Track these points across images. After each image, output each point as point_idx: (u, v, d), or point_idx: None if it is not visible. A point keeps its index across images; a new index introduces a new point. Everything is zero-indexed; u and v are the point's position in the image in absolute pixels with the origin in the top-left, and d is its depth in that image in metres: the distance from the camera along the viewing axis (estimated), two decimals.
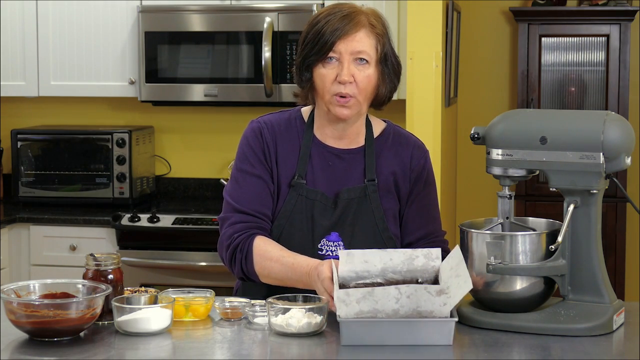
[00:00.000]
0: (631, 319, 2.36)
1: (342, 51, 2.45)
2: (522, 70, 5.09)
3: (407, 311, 2.15)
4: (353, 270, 2.29)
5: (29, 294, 2.28)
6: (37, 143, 4.80)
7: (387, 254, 2.31)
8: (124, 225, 4.41)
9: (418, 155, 2.61)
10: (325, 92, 2.48)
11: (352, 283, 2.29)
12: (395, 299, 2.15)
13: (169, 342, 2.21)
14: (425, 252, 2.31)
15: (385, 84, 2.52)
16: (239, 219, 2.51)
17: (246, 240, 2.49)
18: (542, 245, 2.31)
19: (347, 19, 2.46)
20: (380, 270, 2.30)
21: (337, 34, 2.44)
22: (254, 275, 2.50)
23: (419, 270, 2.31)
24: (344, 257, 2.29)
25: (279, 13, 4.49)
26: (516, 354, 2.17)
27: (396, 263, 2.30)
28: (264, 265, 2.46)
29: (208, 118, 5.02)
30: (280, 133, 2.57)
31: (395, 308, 2.15)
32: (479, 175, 4.72)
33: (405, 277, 2.30)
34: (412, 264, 2.31)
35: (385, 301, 2.14)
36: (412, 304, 2.15)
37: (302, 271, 2.39)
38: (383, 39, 2.49)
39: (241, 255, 2.49)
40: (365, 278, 2.30)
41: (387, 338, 2.14)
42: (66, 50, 4.77)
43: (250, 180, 2.54)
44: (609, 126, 2.27)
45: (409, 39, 4.07)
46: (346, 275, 2.29)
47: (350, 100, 2.47)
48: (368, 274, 2.30)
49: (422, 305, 2.15)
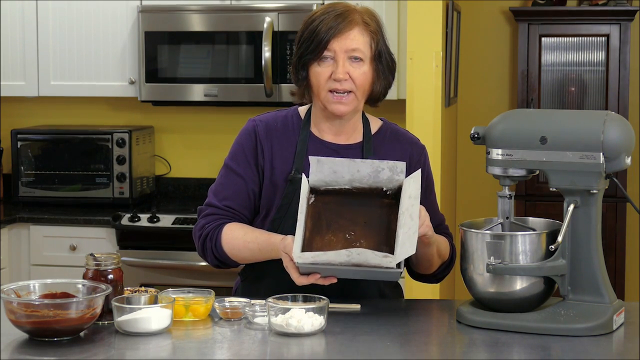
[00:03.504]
0: (631, 319, 2.36)
1: (336, 49, 2.47)
2: (522, 70, 5.09)
3: (358, 261, 2.28)
4: (322, 179, 2.44)
5: (29, 294, 2.28)
6: (37, 143, 4.80)
7: (355, 165, 2.44)
8: (124, 225, 4.41)
9: (417, 152, 2.64)
10: (320, 89, 2.51)
11: (322, 189, 2.44)
12: (346, 256, 2.27)
13: (169, 342, 2.22)
14: (391, 165, 2.44)
15: (380, 80, 2.55)
16: (212, 211, 2.59)
17: (215, 229, 2.56)
18: (542, 245, 2.31)
19: (341, 17, 2.48)
20: (348, 180, 2.44)
21: (331, 32, 2.47)
22: (230, 260, 2.57)
23: (384, 181, 2.44)
24: (315, 165, 2.44)
25: (279, 13, 4.49)
26: (516, 354, 2.17)
27: (363, 175, 2.44)
28: (233, 253, 2.55)
29: (208, 118, 5.02)
30: (276, 130, 2.61)
31: (347, 260, 2.28)
32: (479, 175, 4.72)
33: (371, 186, 2.44)
34: (377, 177, 2.44)
35: (336, 258, 2.28)
36: (362, 259, 2.27)
37: (269, 249, 2.47)
38: (377, 37, 2.52)
39: (211, 244, 2.56)
40: (333, 185, 2.45)
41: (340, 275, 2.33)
42: (66, 50, 4.77)
43: (232, 178, 2.60)
44: (609, 126, 2.27)
45: (409, 39, 4.07)
46: (316, 183, 2.45)
47: (348, 95, 2.49)
48: (336, 183, 2.45)
49: (369, 260, 2.27)
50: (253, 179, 2.59)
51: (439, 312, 2.57)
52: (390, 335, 2.28)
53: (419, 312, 2.58)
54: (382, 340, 2.22)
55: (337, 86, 2.48)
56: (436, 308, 2.66)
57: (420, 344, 2.27)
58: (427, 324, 2.49)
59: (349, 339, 2.22)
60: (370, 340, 2.21)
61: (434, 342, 2.29)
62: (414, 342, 2.28)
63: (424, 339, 2.32)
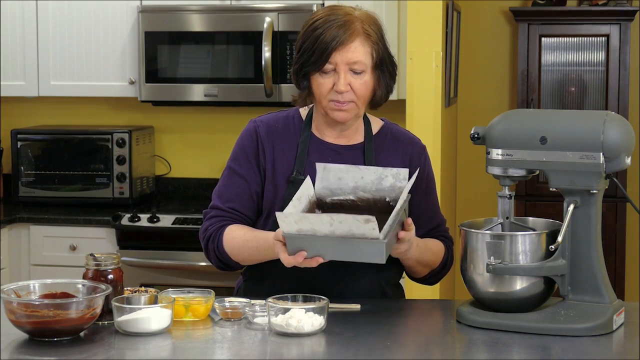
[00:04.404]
0: (631, 319, 2.36)
1: (338, 62, 2.47)
2: (522, 70, 5.09)
3: (342, 233, 2.26)
4: (328, 187, 2.47)
5: (29, 294, 2.28)
6: (37, 143, 4.80)
7: (360, 172, 2.46)
8: (124, 225, 4.41)
9: (418, 152, 2.64)
10: (322, 98, 2.52)
11: (328, 199, 2.48)
12: (329, 224, 2.25)
13: (169, 342, 2.22)
14: (394, 172, 2.45)
15: (382, 87, 2.55)
16: (216, 214, 2.60)
17: (217, 231, 2.57)
18: (542, 245, 2.31)
19: (343, 28, 2.47)
20: (352, 188, 2.47)
21: (333, 44, 2.46)
22: (232, 262, 2.57)
23: (387, 189, 2.45)
24: (321, 172, 2.47)
25: (279, 13, 4.49)
26: (516, 354, 2.17)
27: (366, 182, 2.46)
28: (234, 254, 2.55)
29: (208, 118, 5.02)
30: (277, 131, 2.61)
31: (331, 230, 2.26)
32: (479, 175, 4.72)
33: (374, 196, 2.46)
34: (380, 184, 2.45)
35: (320, 225, 2.26)
36: (345, 228, 2.25)
37: (266, 247, 2.46)
38: (378, 45, 2.51)
39: (213, 245, 2.57)
40: (338, 195, 2.47)
41: (326, 253, 2.29)
42: (66, 50, 4.77)
43: (234, 180, 2.61)
44: (609, 126, 2.27)
45: (409, 39, 4.07)
46: (321, 192, 2.48)
47: (349, 104, 2.50)
48: (341, 191, 2.47)
49: (353, 230, 2.25)
50: (255, 180, 2.59)
51: (439, 312, 2.57)
52: (390, 335, 2.28)
53: (419, 312, 2.58)
54: (382, 340, 2.22)
55: (339, 97, 2.49)
56: (436, 308, 2.66)
57: (420, 344, 2.27)
58: (427, 324, 2.49)
59: (349, 339, 2.22)
60: (370, 340, 2.21)
61: (434, 342, 2.29)
62: (414, 342, 2.28)
63: (424, 339, 2.32)
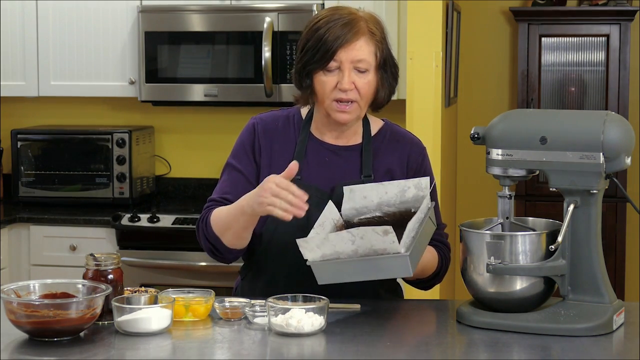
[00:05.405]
0: (631, 319, 2.36)
1: (342, 60, 2.47)
2: (522, 70, 5.09)
3: (365, 250, 2.25)
4: (354, 207, 2.48)
5: (29, 294, 2.28)
6: (37, 143, 4.80)
7: (383, 188, 2.47)
8: (124, 225, 4.41)
9: (416, 152, 2.63)
10: (325, 97, 2.51)
11: (355, 219, 2.48)
12: (351, 241, 2.24)
13: (169, 342, 2.22)
14: (416, 182, 2.46)
15: (385, 88, 2.55)
16: (210, 205, 2.60)
17: (207, 213, 2.56)
18: (542, 245, 2.31)
19: (348, 26, 2.47)
20: (376, 204, 2.47)
21: (338, 42, 2.46)
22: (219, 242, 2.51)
23: (411, 201, 2.45)
24: (347, 194, 2.48)
25: (279, 13, 4.49)
26: (516, 354, 2.17)
27: (390, 196, 2.47)
28: (218, 228, 2.50)
29: (208, 118, 5.02)
30: (276, 129, 2.62)
31: (353, 249, 2.25)
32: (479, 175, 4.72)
33: (399, 209, 2.46)
34: (404, 196, 2.46)
35: (342, 244, 2.25)
36: (367, 244, 2.24)
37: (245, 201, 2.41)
38: (382, 45, 2.52)
39: (202, 225, 2.56)
40: (365, 214, 2.48)
41: (355, 275, 2.28)
42: (66, 50, 4.77)
43: (232, 175, 2.62)
44: (609, 126, 2.27)
45: (409, 39, 4.07)
46: (348, 213, 2.49)
47: (352, 105, 2.50)
48: (366, 209, 2.48)
49: (375, 245, 2.24)
50: (252, 173, 2.60)
51: (439, 312, 2.57)
52: (390, 335, 2.28)
53: (419, 312, 2.57)
54: (382, 340, 2.23)
55: (342, 96, 2.48)
56: (436, 308, 2.66)
57: (420, 344, 2.27)
58: (427, 324, 2.49)
59: (349, 339, 2.22)
60: (370, 340, 2.21)
61: (434, 342, 2.29)
62: (414, 342, 2.28)
63: (424, 339, 2.32)
